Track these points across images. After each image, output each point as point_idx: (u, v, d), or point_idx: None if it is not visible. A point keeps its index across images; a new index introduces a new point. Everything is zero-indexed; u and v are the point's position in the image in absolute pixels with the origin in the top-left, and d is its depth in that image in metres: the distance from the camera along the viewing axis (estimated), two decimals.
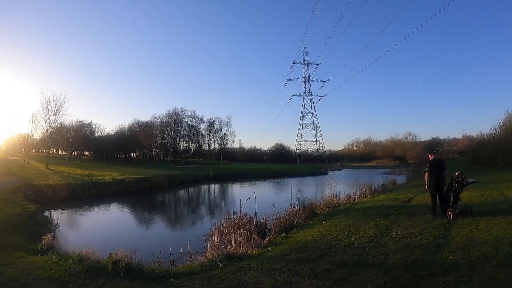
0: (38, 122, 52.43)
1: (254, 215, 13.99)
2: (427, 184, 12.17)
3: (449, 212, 11.39)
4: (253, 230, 12.14)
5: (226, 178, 59.20)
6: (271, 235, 11.67)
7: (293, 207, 15.96)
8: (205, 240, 13.95)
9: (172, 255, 11.76)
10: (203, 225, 18.25)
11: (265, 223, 14.06)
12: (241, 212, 13.89)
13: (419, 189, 22.79)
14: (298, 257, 8.16)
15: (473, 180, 11.84)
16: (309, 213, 15.36)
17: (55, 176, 37.08)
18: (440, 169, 11.94)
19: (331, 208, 17.31)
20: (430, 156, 12.50)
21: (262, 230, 13.23)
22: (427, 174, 12.09)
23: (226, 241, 12.31)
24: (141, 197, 33.88)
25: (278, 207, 15.54)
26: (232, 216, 14.45)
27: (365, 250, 8.14)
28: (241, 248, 11.02)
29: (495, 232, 8.98)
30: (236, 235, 12.16)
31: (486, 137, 67.17)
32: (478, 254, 7.34)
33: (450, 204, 11.60)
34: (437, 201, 12.06)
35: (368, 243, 8.78)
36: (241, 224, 12.96)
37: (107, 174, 41.99)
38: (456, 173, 11.59)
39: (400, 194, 20.42)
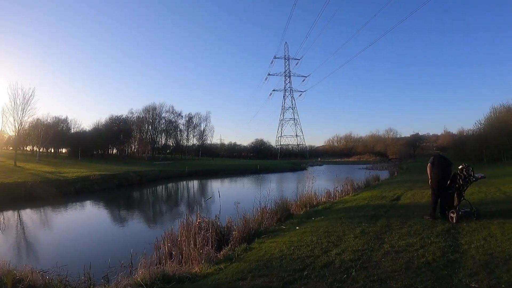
0: (8, 118, 48.93)
1: (216, 218, 11.58)
2: (430, 178, 9.94)
3: (452, 214, 9.19)
4: (209, 238, 9.69)
5: (202, 174, 56.98)
6: (230, 245, 9.19)
7: (265, 207, 13.47)
8: (155, 249, 11.50)
9: (110, 268, 9.75)
10: (160, 228, 15.61)
11: (228, 227, 11.42)
12: (198, 215, 11.39)
13: (405, 185, 20.95)
14: (255, 284, 5.70)
15: (483, 174, 9.58)
16: (282, 215, 12.92)
17: (18, 174, 34.66)
18: (446, 164, 9.82)
19: (308, 208, 14.96)
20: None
21: (223, 237, 10.67)
22: (429, 166, 9.93)
23: (173, 252, 9.97)
24: (104, 195, 31.52)
25: (248, 207, 13.19)
26: (189, 219, 11.87)
27: (350, 274, 5.72)
28: (190, 262, 8.68)
29: None
30: (189, 244, 9.76)
31: (466, 133, 66.97)
32: (508, 277, 5.20)
33: (454, 204, 9.44)
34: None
35: (354, 261, 6.35)
36: (197, 230, 10.51)
37: (74, 171, 39.76)
38: (460, 166, 9.42)
39: (386, 191, 18.30)
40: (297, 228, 10.37)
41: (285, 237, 9.13)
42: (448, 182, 9.59)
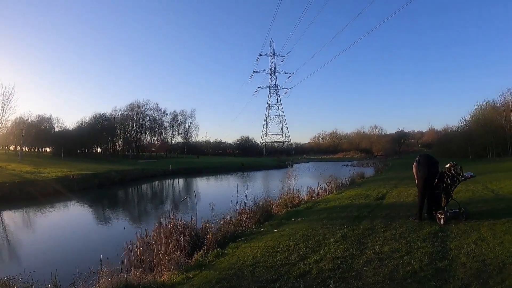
0: None
1: (191, 220, 10.92)
2: (417, 178, 9.38)
3: (439, 215, 8.62)
4: (181, 242, 9.01)
5: (186, 172, 56.15)
6: (202, 250, 8.48)
7: (244, 207, 12.78)
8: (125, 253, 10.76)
9: (79, 274, 9.20)
10: (135, 230, 14.54)
11: (204, 230, 10.63)
12: (173, 217, 10.69)
13: (391, 182, 20.49)
14: None
15: (472, 174, 9.01)
16: (261, 215, 12.21)
17: None
18: (432, 163, 9.25)
19: (289, 208, 14.31)
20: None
21: (199, 240, 9.99)
22: (415, 165, 9.35)
23: (143, 258, 9.27)
24: (84, 195, 30.52)
25: (227, 207, 12.67)
26: (163, 221, 11.10)
27: (328, 286, 5.10)
28: (160, 269, 8.00)
29: (508, 244, 6.38)
30: (160, 249, 9.08)
31: (450, 130, 67.39)
32: None
33: (441, 204, 8.88)
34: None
35: (333, 270, 5.69)
36: (171, 233, 9.82)
37: (54, 171, 38.70)
38: (448, 165, 8.85)
39: (370, 189, 17.79)
40: (275, 230, 9.70)
41: (261, 241, 8.48)
42: (436, 181, 9.04)
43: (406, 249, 6.63)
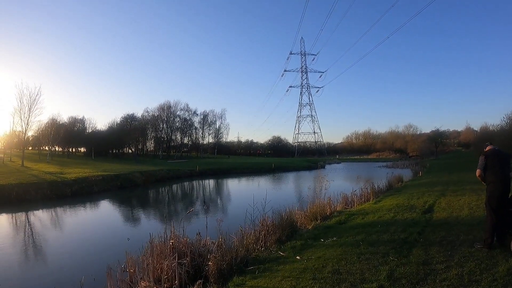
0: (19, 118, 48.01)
1: (198, 236, 9.00)
2: (488, 193, 6.86)
3: None
4: (174, 270, 7.03)
5: (214, 173, 54.50)
6: (196, 285, 6.42)
7: (264, 219, 10.63)
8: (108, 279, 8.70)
9: None
10: (138, 244, 12.14)
11: (211, 251, 8.41)
12: (173, 233, 8.75)
13: (435, 189, 17.95)
14: None
15: None
16: (284, 232, 10.14)
17: (18, 175, 32.84)
18: (505, 167, 6.77)
19: (319, 221, 12.12)
20: (486, 148, 7.12)
21: (203, 263, 7.95)
22: (479, 172, 6.90)
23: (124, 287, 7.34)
24: (100, 197, 29.14)
25: (243, 220, 10.87)
26: (160, 238, 9.01)
27: None
28: None
29: None
30: (145, 277, 7.15)
31: (490, 128, 63.35)
32: None
33: None
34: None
35: None
36: (169, 253, 7.87)
37: (77, 172, 37.80)
38: None
39: (413, 197, 15.41)
40: (297, 257, 7.51)
41: (275, 277, 6.33)
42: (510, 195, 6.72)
43: None
